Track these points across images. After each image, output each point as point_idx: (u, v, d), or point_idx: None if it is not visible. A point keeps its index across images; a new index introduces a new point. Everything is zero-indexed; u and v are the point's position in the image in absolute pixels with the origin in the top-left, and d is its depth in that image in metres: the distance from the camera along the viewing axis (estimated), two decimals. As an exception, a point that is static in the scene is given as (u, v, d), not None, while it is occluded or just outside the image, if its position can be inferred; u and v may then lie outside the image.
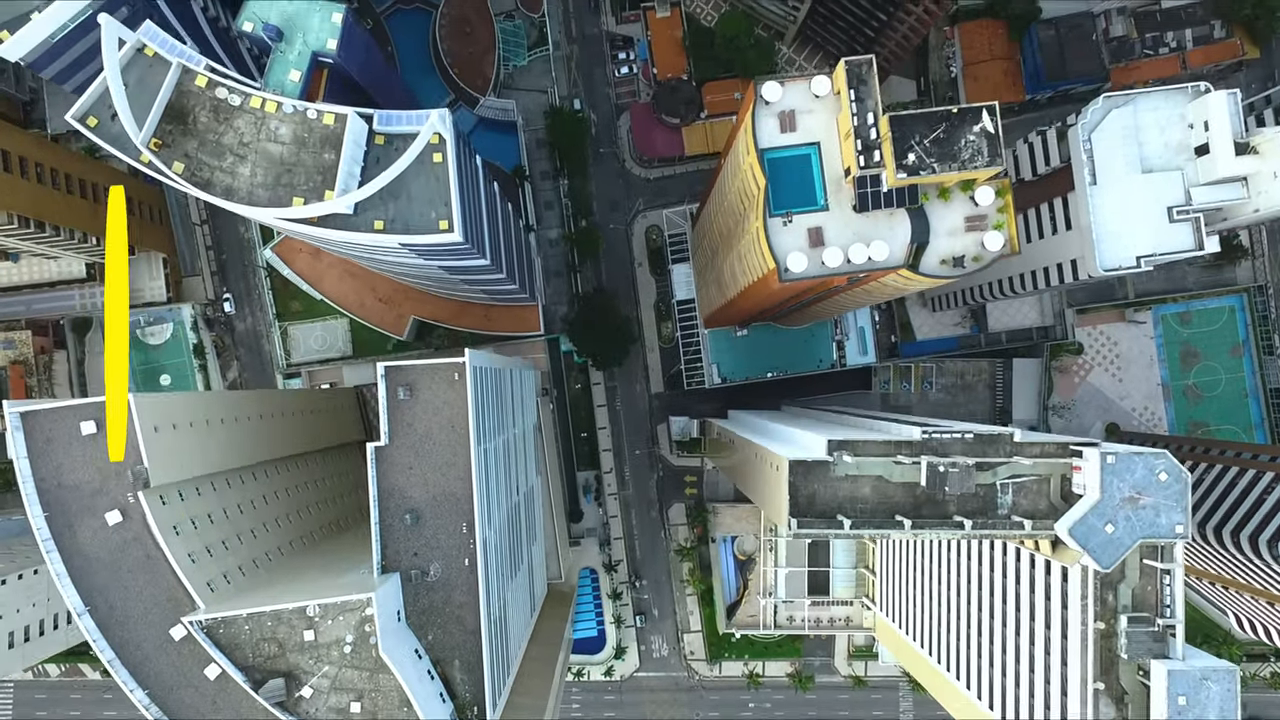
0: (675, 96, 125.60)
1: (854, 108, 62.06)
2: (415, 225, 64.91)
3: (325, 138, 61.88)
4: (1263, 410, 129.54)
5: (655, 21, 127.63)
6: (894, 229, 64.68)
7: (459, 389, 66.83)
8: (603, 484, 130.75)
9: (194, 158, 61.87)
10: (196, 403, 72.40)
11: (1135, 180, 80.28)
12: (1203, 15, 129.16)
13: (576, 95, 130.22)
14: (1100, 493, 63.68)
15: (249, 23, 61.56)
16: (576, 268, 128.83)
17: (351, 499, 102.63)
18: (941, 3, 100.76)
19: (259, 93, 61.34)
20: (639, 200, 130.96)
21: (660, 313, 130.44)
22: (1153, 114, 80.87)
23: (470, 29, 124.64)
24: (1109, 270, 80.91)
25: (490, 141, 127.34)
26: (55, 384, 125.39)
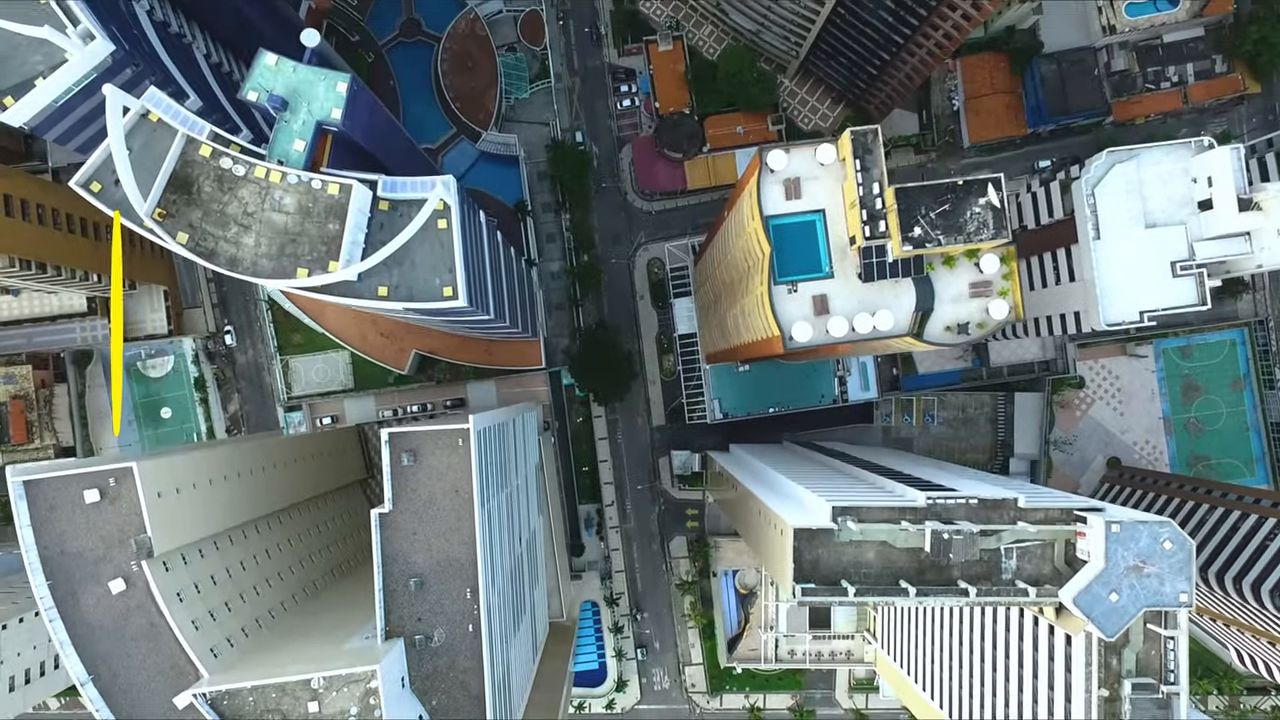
0: (678, 131, 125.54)
1: (859, 177, 61.99)
2: (419, 292, 64.76)
3: (330, 207, 61.74)
4: (1264, 444, 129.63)
5: (657, 55, 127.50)
6: (899, 297, 64.63)
7: (462, 454, 66.69)
8: (604, 517, 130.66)
9: (198, 228, 61.71)
10: (200, 463, 72.24)
11: (1138, 235, 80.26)
12: (1204, 50, 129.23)
13: (578, 128, 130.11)
14: (1105, 561, 63.64)
15: (254, 92, 61.37)
16: (578, 301, 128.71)
17: (353, 541, 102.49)
18: (947, 45, 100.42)
19: (263, 163, 61.19)
20: (641, 233, 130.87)
21: (662, 346, 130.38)
22: (1156, 168, 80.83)
23: (472, 63, 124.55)
24: (1113, 325, 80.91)
25: (492, 174, 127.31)
26: (56, 418, 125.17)
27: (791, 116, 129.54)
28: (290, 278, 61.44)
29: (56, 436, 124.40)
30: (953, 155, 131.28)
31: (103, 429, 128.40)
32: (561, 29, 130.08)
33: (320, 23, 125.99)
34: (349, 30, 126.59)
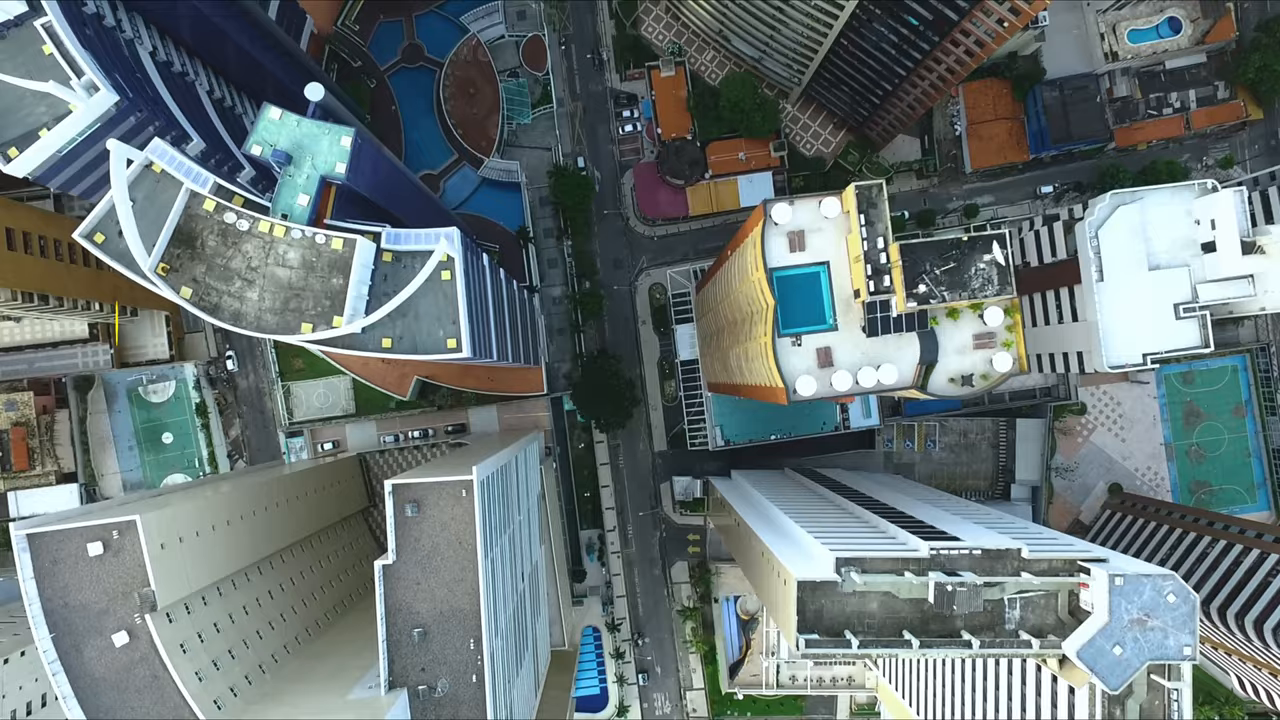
0: (680, 157, 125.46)
1: (864, 232, 61.97)
2: (423, 344, 64.72)
3: (333, 262, 61.68)
4: (1265, 470, 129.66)
5: (659, 81, 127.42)
6: (903, 349, 64.61)
7: (466, 505, 66.66)
8: (605, 542, 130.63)
9: (202, 282, 61.67)
10: (203, 509, 72.18)
11: (1142, 277, 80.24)
12: (1206, 76, 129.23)
13: (580, 153, 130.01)
14: (1108, 615, 63.66)
15: (258, 146, 61.30)
16: (580, 327, 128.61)
17: (355, 574, 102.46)
18: (951, 78, 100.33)
19: (266, 218, 61.13)
20: (643, 258, 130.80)
21: (663, 371, 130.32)
22: (1159, 210, 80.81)
23: (474, 90, 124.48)
24: (1116, 368, 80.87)
25: (494, 200, 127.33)
26: (57, 444, 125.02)
27: (793, 142, 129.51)
28: (294, 333, 61.38)
29: (58, 463, 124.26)
30: (955, 180, 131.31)
31: (104, 454, 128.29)
32: (563, 54, 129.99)
33: (322, 48, 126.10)
34: (351, 56, 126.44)
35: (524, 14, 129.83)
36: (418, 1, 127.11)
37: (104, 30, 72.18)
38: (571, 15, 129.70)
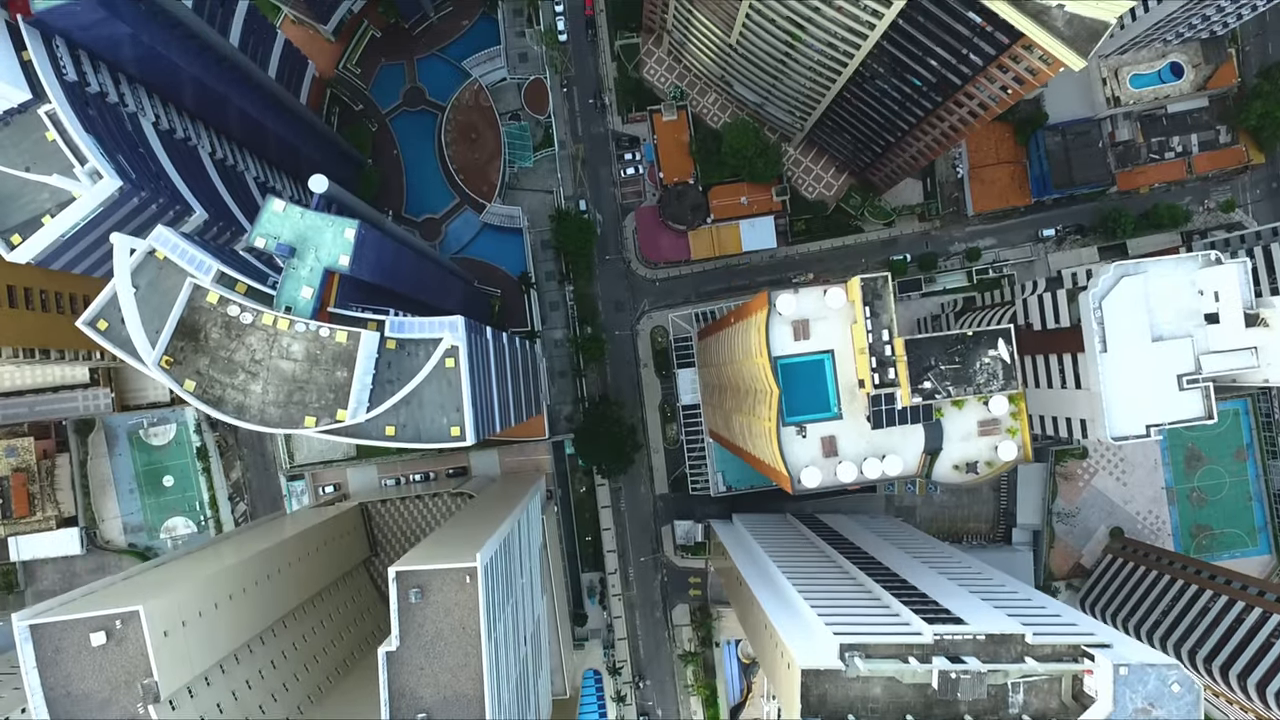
0: (682, 202, 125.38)
1: (869, 324, 61.89)
2: (426, 432, 64.64)
3: (337, 355, 61.56)
4: (1266, 514, 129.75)
5: (661, 125, 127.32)
6: (907, 438, 64.57)
7: (470, 591, 66.55)
8: (607, 585, 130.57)
9: (205, 375, 61.54)
10: (207, 588, 72.02)
11: (1145, 348, 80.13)
12: (1208, 120, 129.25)
13: (582, 195, 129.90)
14: (1113, 704, 63.56)
15: (261, 239, 61.20)
16: (581, 371, 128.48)
17: (358, 629, 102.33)
18: (956, 134, 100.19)
19: (270, 310, 60.99)
20: (644, 301, 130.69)
21: (665, 415, 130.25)
22: (1163, 281, 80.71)
23: (476, 135, 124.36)
24: (1119, 439, 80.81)
25: (496, 244, 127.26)
26: (58, 488, 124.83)
27: (795, 185, 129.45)
28: (298, 426, 61.30)
29: (59, 507, 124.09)
30: (957, 223, 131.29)
31: (105, 498, 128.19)
32: (565, 96, 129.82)
33: (324, 92, 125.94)
34: (352, 99, 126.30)
35: (526, 56, 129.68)
36: (419, 45, 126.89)
37: (107, 108, 72.06)
38: (573, 58, 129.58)
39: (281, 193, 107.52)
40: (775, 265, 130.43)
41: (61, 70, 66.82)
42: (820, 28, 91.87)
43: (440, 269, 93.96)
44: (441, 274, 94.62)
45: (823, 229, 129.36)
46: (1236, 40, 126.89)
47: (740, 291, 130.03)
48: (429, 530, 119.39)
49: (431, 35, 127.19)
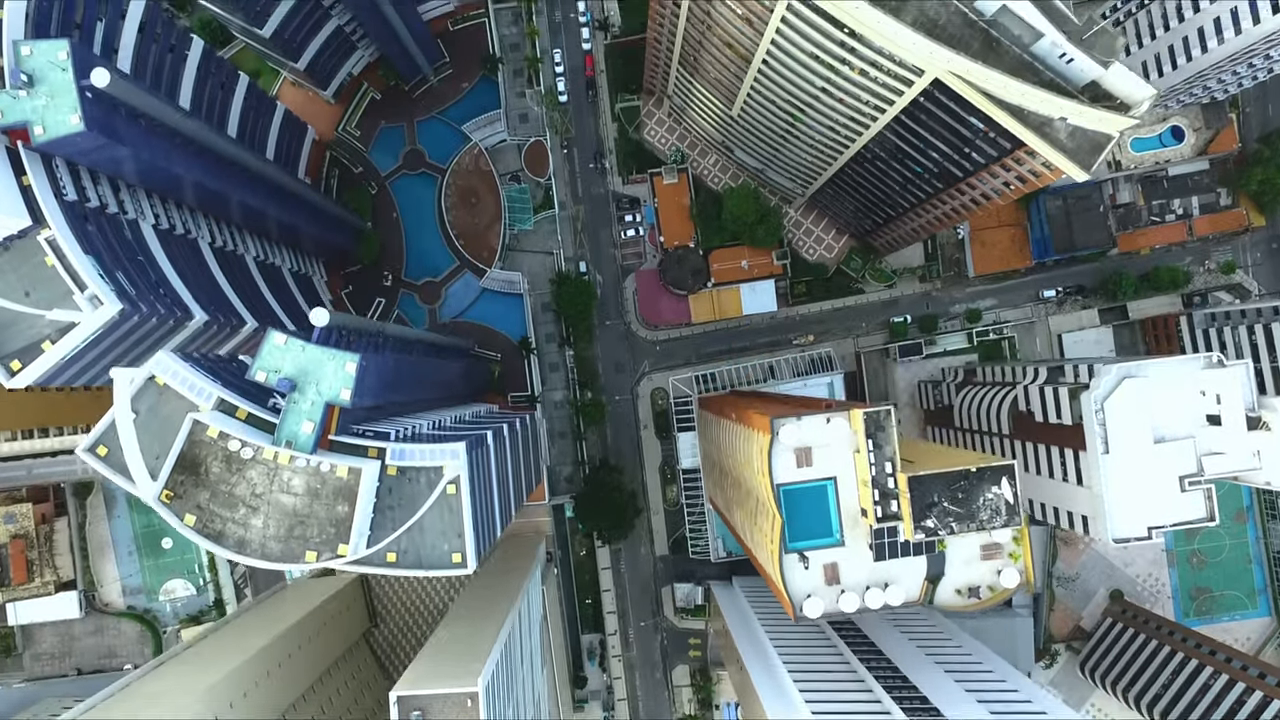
0: (682, 267, 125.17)
1: (872, 456, 61.77)
2: (427, 559, 64.52)
3: (338, 490, 61.36)
4: (1266, 576, 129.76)
5: (662, 188, 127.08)
6: (909, 566, 64.48)
7: (471, 712, 66.42)
8: (607, 647, 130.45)
9: (206, 509, 61.33)
10: (210, 695, 71.85)
11: (1148, 450, 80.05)
12: (1209, 183, 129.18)
13: (582, 256, 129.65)
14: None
15: (262, 373, 60.99)
16: (582, 434, 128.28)
17: (359, 707, 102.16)
18: (958, 217, 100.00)
19: (271, 445, 60.76)
20: (645, 362, 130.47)
21: (665, 476, 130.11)
22: (1165, 382, 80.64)
23: (476, 200, 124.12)
24: (1120, 542, 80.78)
25: (496, 307, 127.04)
26: (56, 553, 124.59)
27: (796, 246, 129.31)
28: (299, 561, 61.12)
29: (57, 573, 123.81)
30: (958, 284, 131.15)
31: (104, 560, 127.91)
32: (566, 157, 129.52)
33: (324, 155, 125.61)
34: (352, 162, 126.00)
35: (526, 117, 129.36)
36: (419, 107, 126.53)
37: (107, 219, 71.81)
38: (574, 119, 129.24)
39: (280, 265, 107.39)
40: (775, 327, 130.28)
41: (61, 191, 66.62)
42: (821, 114, 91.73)
43: (440, 358, 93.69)
44: (441, 364, 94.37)
45: (823, 290, 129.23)
46: (1237, 105, 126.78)
47: (741, 353, 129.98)
48: (429, 599, 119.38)
49: (431, 97, 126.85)
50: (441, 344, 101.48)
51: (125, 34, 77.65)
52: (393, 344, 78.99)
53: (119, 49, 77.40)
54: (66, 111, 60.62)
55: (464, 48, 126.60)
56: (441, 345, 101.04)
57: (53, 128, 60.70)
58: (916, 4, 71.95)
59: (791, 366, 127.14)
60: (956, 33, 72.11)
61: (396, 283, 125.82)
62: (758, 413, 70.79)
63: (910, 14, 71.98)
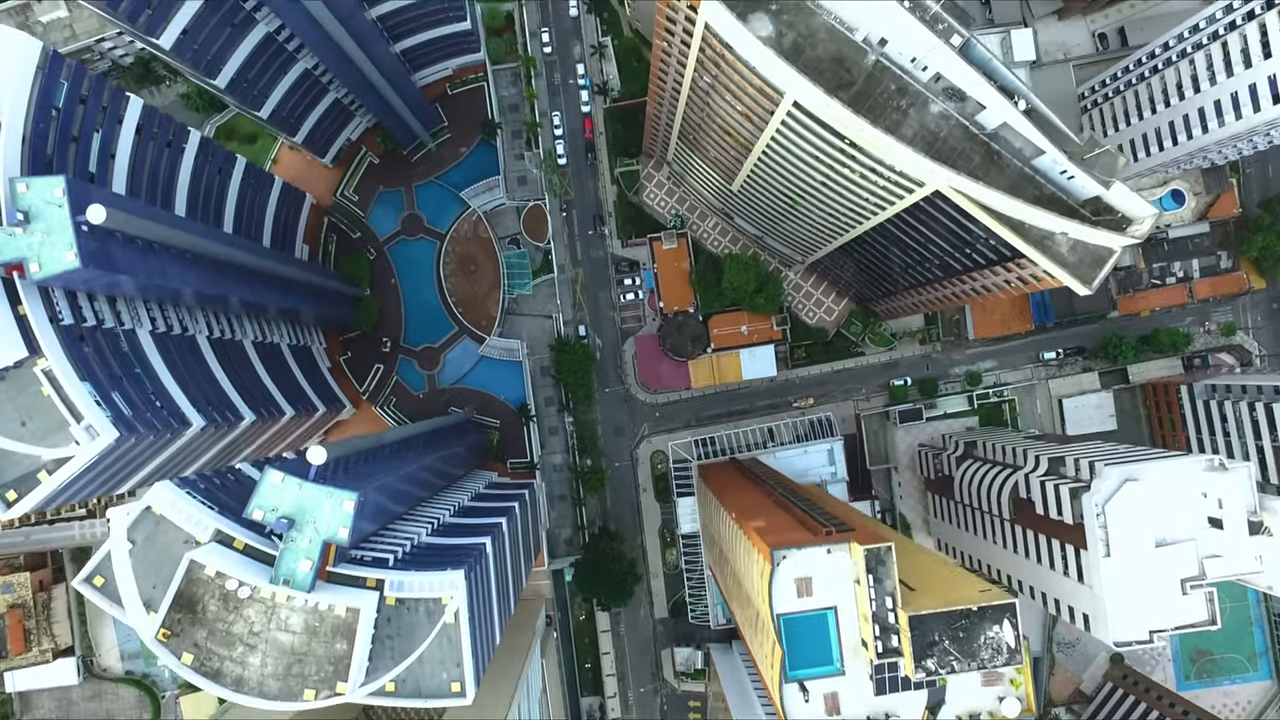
0: (682, 333, 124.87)
1: (872, 591, 61.49)
2: (426, 688, 64.23)
3: (337, 628, 61.05)
4: (1267, 639, 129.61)
5: (661, 253, 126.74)
6: (910, 698, 64.23)
7: (471, 840, 66.17)
8: (606, 711, 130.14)
9: (203, 648, 61.00)
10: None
11: (1149, 553, 79.75)
12: (1209, 246, 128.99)
13: (581, 320, 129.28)
14: None
15: (259, 511, 60.65)
16: (581, 501, 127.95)
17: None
18: (959, 300, 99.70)
19: (268, 585, 60.42)
20: (644, 425, 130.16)
21: (665, 540, 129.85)
22: (1166, 485, 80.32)
23: (475, 267, 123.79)
24: (1121, 645, 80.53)
25: (495, 373, 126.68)
26: (54, 620, 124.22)
27: (796, 310, 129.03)
28: (297, 699, 60.78)
29: (55, 641, 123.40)
30: (958, 346, 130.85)
31: (102, 625, 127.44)
32: (565, 220, 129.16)
33: (321, 220, 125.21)
34: (350, 228, 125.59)
35: (525, 179, 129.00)
36: (417, 172, 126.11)
37: (104, 335, 71.38)
38: (573, 181, 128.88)
39: (279, 343, 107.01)
40: (775, 389, 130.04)
41: (58, 316, 66.21)
42: (822, 202, 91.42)
43: (442, 447, 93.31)
44: (443, 455, 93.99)
45: (823, 353, 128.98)
46: (1238, 169, 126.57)
47: (741, 416, 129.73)
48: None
49: (430, 162, 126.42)
50: (442, 430, 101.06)
51: (122, 139, 77.37)
52: (392, 453, 78.66)
53: (115, 154, 77.13)
54: (62, 248, 60.22)
55: (463, 112, 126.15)
56: (443, 432, 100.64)
57: (49, 265, 60.30)
58: (918, 117, 71.70)
59: (791, 430, 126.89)
60: (958, 145, 71.84)
61: (395, 348, 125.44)
62: (758, 531, 70.49)
63: (911, 127, 71.75)
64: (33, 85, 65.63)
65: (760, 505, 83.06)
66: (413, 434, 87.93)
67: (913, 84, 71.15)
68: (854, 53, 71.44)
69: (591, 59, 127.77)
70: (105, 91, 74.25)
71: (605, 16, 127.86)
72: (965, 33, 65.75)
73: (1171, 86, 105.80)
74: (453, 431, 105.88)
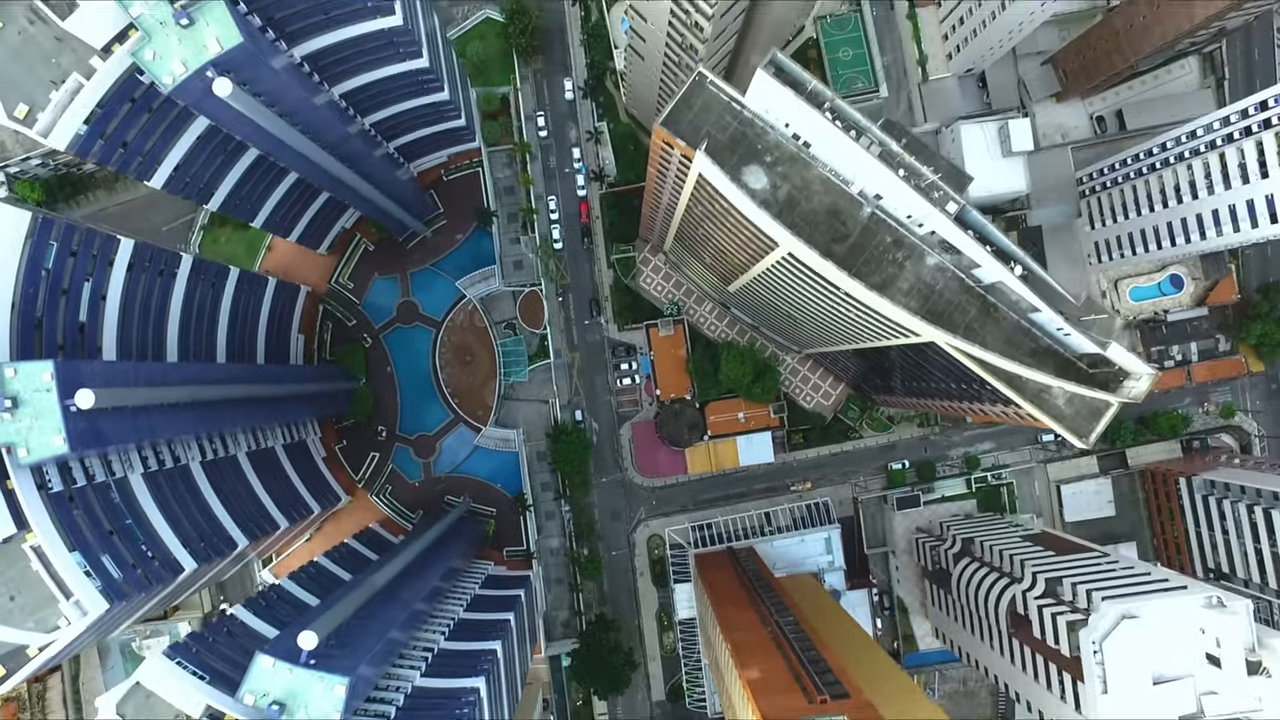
0: (679, 422, 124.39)
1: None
2: None
3: (330, 815, 60.62)
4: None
5: (658, 340, 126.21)
6: None
7: None
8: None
9: (194, 833, 60.58)
10: None
11: (1146, 690, 79.33)
12: (1208, 329, 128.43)
13: (578, 405, 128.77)
14: None
15: (250, 696, 60.19)
16: (578, 587, 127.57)
17: None
18: (959, 412, 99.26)
19: (262, 771, 60.04)
20: (641, 509, 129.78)
21: (662, 623, 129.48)
22: (1164, 622, 79.83)
23: (471, 358, 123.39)
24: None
25: (491, 460, 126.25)
26: (50, 712, 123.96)
27: (793, 394, 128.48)
28: None
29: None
30: (956, 428, 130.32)
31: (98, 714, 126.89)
32: (561, 304, 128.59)
33: (317, 308, 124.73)
34: (346, 315, 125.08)
35: (521, 264, 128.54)
36: (413, 259, 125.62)
37: (94, 490, 70.81)
38: (569, 265, 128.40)
39: (274, 445, 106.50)
40: (772, 473, 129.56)
41: (47, 485, 65.70)
42: (819, 322, 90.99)
43: (437, 572, 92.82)
44: (438, 579, 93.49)
45: (820, 437, 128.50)
46: (1236, 255, 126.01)
47: (738, 499, 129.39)
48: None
49: (425, 249, 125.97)
50: (440, 543, 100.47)
51: (113, 281, 76.96)
52: (386, 598, 78.13)
53: (107, 295, 76.72)
54: (50, 433, 59.78)
55: (458, 197, 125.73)
56: (440, 544, 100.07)
57: (37, 450, 59.88)
58: (914, 269, 71.23)
59: (788, 515, 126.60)
60: (954, 298, 71.38)
61: (391, 436, 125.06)
62: (751, 685, 70.08)
63: (908, 279, 71.29)
64: (21, 254, 65.28)
65: (755, 640, 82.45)
66: (409, 562, 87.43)
67: (909, 237, 70.68)
68: (849, 205, 70.96)
69: (587, 144, 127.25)
70: (96, 241, 73.80)
71: (601, 101, 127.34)
72: (960, 200, 65.24)
73: (1170, 188, 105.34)
74: (450, 538, 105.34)
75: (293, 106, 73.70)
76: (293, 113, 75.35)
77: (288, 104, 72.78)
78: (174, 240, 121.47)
